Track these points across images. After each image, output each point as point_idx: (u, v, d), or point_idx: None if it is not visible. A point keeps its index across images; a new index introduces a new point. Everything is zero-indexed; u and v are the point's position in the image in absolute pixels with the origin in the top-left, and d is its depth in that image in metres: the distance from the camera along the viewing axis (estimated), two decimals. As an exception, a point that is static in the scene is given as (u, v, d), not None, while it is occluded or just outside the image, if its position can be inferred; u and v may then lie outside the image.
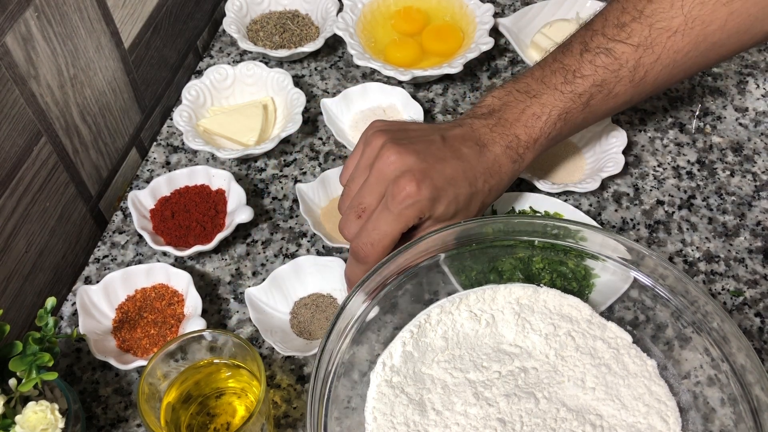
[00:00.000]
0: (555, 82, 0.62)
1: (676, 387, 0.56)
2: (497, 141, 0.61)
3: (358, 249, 0.58)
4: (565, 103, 0.62)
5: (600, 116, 0.65)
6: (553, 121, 0.62)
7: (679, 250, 0.70)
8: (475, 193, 0.60)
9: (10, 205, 0.61)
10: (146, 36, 0.77)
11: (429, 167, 0.57)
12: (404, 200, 0.56)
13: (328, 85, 0.84)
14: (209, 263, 0.69)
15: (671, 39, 0.61)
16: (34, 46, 0.60)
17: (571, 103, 0.62)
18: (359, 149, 0.61)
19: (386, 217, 0.57)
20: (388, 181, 0.58)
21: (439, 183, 0.58)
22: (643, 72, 0.62)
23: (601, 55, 0.62)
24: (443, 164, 0.58)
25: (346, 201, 0.61)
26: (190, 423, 0.56)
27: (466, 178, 0.59)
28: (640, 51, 0.61)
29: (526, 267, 0.62)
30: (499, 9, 0.91)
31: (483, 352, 0.57)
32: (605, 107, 0.64)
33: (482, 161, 0.60)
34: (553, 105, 0.62)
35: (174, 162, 0.77)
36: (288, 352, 0.60)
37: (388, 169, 0.58)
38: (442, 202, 0.58)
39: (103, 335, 0.63)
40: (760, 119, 0.80)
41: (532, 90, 0.63)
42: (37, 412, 0.50)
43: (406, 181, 0.56)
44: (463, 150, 0.60)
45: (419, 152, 0.58)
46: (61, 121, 0.65)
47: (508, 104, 0.63)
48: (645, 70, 0.62)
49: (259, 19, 0.88)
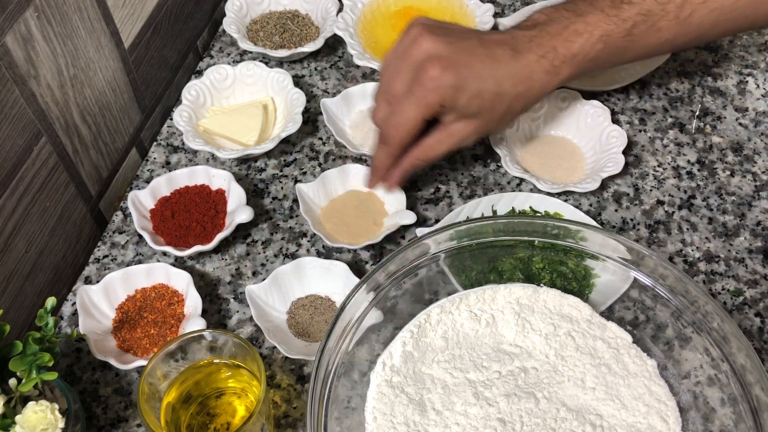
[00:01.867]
0: (602, 4, 0.64)
1: (676, 387, 0.56)
2: (533, 50, 0.63)
3: (384, 130, 0.62)
4: (608, 25, 0.63)
5: (641, 51, 0.66)
6: (594, 40, 0.63)
7: (679, 250, 0.70)
8: (500, 93, 0.62)
9: (10, 205, 0.61)
10: (146, 36, 0.77)
11: (458, 58, 0.60)
12: (427, 83, 0.59)
13: (328, 85, 0.84)
14: (209, 263, 0.69)
15: None
16: (34, 46, 0.60)
17: (614, 26, 0.64)
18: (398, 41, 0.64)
19: (410, 101, 0.60)
20: (417, 66, 0.60)
21: (464, 73, 0.60)
22: (689, 10, 0.64)
23: None
24: (472, 58, 0.60)
25: (383, 88, 0.64)
26: (190, 423, 0.56)
27: (492, 76, 0.61)
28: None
29: (526, 267, 0.62)
30: (499, 9, 0.91)
31: (483, 352, 0.57)
32: (647, 40, 0.65)
33: (513, 64, 0.62)
34: (596, 25, 0.63)
35: (174, 162, 0.77)
36: (293, 355, 0.60)
37: (418, 54, 0.60)
38: (464, 93, 0.60)
39: (103, 335, 0.63)
40: (760, 119, 0.80)
41: (579, 9, 0.64)
42: (37, 412, 0.50)
43: (431, 64, 0.59)
44: (496, 51, 0.62)
45: (451, 43, 0.61)
46: (61, 121, 0.65)
47: (553, 19, 0.65)
48: (692, 8, 0.63)
49: (259, 19, 0.88)
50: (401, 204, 0.69)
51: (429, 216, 0.72)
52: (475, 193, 0.74)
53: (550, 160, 0.75)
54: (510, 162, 0.72)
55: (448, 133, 0.64)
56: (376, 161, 0.65)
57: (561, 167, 0.75)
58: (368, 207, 0.71)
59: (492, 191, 0.74)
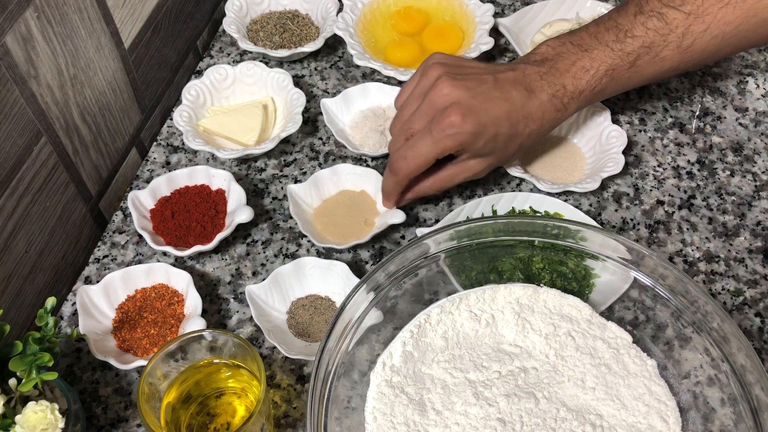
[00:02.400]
0: (607, 39, 0.66)
1: (676, 387, 0.56)
2: (545, 89, 0.65)
3: (394, 161, 0.65)
4: (613, 59, 0.66)
5: (646, 78, 0.68)
6: (600, 75, 0.66)
7: (679, 250, 0.70)
8: (514, 135, 0.65)
9: (10, 205, 0.61)
10: (146, 36, 0.77)
11: (477, 104, 0.62)
12: (446, 128, 0.62)
13: (328, 85, 0.84)
14: (209, 263, 0.69)
15: (722, 10, 0.64)
16: (34, 46, 0.60)
17: (619, 60, 0.66)
18: (416, 77, 0.67)
19: (426, 140, 0.63)
20: (437, 110, 0.63)
21: (483, 120, 0.62)
22: (691, 40, 0.65)
23: (653, 19, 0.65)
24: (490, 104, 0.63)
25: (398, 124, 0.67)
26: (190, 423, 0.56)
27: (509, 120, 0.64)
28: (691, 19, 0.64)
29: (526, 267, 0.62)
30: (499, 9, 0.91)
31: (483, 352, 0.57)
32: (651, 70, 0.67)
33: (528, 106, 0.64)
34: (602, 60, 0.66)
35: (174, 162, 0.77)
36: (293, 355, 0.60)
37: (439, 99, 0.63)
38: (482, 138, 0.63)
39: (103, 335, 0.63)
40: (760, 119, 0.80)
41: (584, 44, 0.66)
42: (37, 412, 0.50)
43: (453, 111, 0.62)
44: (512, 93, 0.64)
45: (470, 89, 0.63)
46: (61, 121, 0.65)
47: (560, 54, 0.66)
48: (694, 38, 0.65)
49: (259, 19, 0.88)
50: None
51: (429, 216, 0.72)
52: (475, 193, 0.74)
53: (550, 160, 0.75)
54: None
55: (462, 168, 0.67)
56: (384, 188, 0.69)
57: (561, 167, 0.75)
58: (360, 207, 0.71)
59: (492, 191, 0.74)
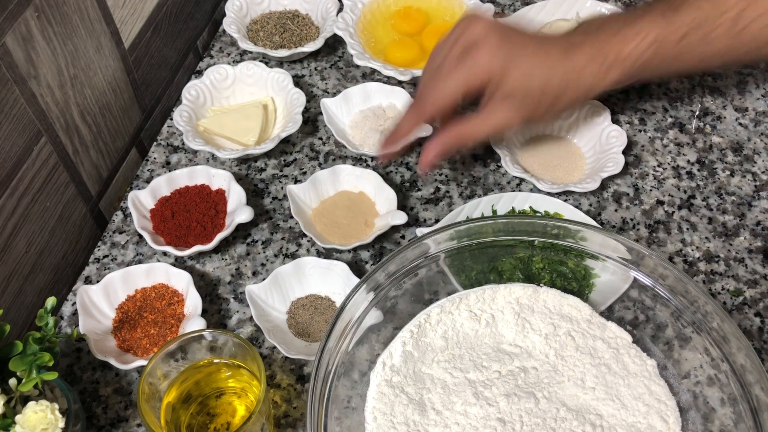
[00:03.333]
0: (656, 12, 0.64)
1: (676, 387, 0.56)
2: (585, 50, 0.63)
3: (422, 96, 0.65)
4: (659, 31, 0.63)
5: (692, 61, 0.66)
6: (645, 45, 0.63)
7: (679, 250, 0.70)
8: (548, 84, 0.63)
9: (10, 205, 0.61)
10: (146, 36, 0.77)
11: (509, 46, 0.62)
12: (477, 57, 0.61)
13: (328, 85, 0.84)
14: (209, 263, 0.69)
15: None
16: (34, 46, 0.60)
17: (666, 33, 0.63)
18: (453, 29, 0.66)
19: (454, 74, 0.62)
20: (468, 45, 0.62)
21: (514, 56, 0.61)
22: (743, 24, 0.63)
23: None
24: (524, 48, 0.62)
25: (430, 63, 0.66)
26: (190, 423, 0.56)
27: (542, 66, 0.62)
28: (745, 2, 0.62)
29: (526, 267, 0.62)
30: (499, 9, 0.91)
31: (483, 351, 0.57)
32: (699, 50, 0.65)
33: (564, 61, 0.63)
34: (648, 30, 0.63)
35: (174, 162, 0.77)
36: (293, 355, 0.60)
37: (470, 36, 0.63)
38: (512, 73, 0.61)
39: (103, 335, 0.63)
40: (760, 119, 0.80)
41: (633, 15, 0.65)
42: (37, 412, 0.50)
43: (483, 44, 0.61)
44: (547, 46, 0.63)
45: (506, 34, 0.63)
46: (61, 121, 0.65)
47: (608, 22, 0.65)
48: (746, 22, 0.63)
49: (259, 19, 0.88)
50: (392, 204, 0.69)
51: (429, 216, 0.72)
52: (475, 193, 0.74)
53: (550, 160, 0.75)
54: (510, 162, 0.72)
55: (490, 113, 0.65)
56: (400, 125, 0.66)
57: (561, 167, 0.75)
58: (359, 207, 0.71)
59: (492, 191, 0.74)
